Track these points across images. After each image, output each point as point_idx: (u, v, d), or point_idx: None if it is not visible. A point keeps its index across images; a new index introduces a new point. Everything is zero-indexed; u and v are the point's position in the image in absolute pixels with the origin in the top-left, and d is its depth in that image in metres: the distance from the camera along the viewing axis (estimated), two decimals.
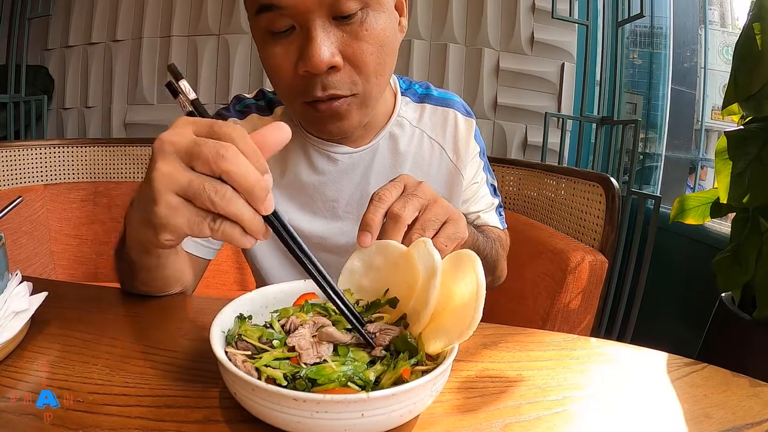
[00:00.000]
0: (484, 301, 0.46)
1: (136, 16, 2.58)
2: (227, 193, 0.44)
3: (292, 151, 0.91)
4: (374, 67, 0.74)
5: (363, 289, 0.59)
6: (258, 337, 0.49)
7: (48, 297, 0.64)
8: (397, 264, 0.57)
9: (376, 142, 0.92)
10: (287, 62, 0.72)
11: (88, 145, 1.99)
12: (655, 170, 2.50)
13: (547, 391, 0.54)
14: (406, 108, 0.95)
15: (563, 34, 2.35)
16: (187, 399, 0.50)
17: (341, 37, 0.70)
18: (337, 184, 0.92)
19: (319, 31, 0.68)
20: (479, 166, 1.01)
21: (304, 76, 0.71)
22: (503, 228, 1.04)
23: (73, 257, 1.95)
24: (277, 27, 0.70)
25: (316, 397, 0.38)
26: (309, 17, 0.67)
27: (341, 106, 0.74)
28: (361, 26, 0.70)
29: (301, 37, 0.70)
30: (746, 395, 0.56)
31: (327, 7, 0.67)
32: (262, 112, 0.94)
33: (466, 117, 0.98)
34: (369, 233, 0.58)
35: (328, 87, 0.71)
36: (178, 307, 0.75)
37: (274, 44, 0.72)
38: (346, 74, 0.72)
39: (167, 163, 0.45)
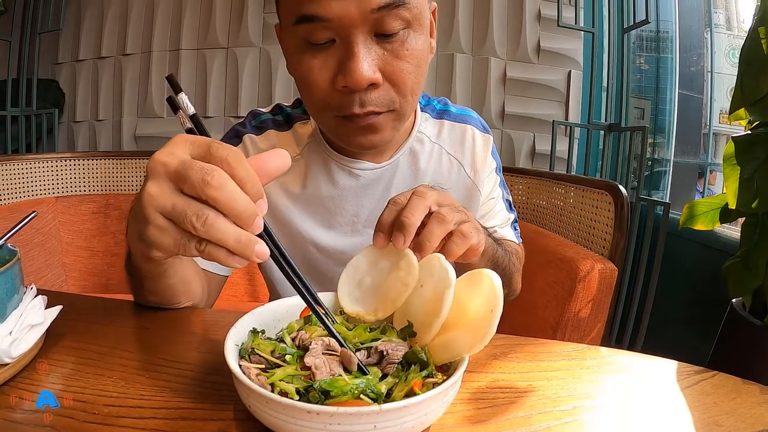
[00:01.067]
0: (502, 307, 0.47)
1: (145, 30, 2.61)
2: (208, 219, 0.44)
3: (313, 165, 0.91)
4: (411, 86, 0.74)
5: (362, 286, 0.60)
6: (270, 351, 0.50)
7: (62, 310, 0.65)
8: (398, 267, 0.58)
9: (397, 157, 0.92)
10: (324, 75, 0.71)
11: (99, 158, 2.01)
12: (664, 175, 2.49)
13: (558, 401, 0.55)
14: (426, 124, 0.96)
15: (569, 41, 2.35)
16: (202, 411, 0.50)
17: (382, 55, 0.70)
18: (358, 200, 0.92)
19: (362, 46, 0.67)
20: (495, 181, 1.01)
21: (341, 91, 0.71)
22: (518, 242, 1.04)
23: (85, 269, 1.97)
24: (317, 39, 0.69)
25: (330, 409, 0.39)
26: (352, 32, 0.67)
27: (377, 119, 0.74)
28: (402, 45, 0.70)
29: (341, 51, 0.69)
30: (756, 402, 0.56)
31: (371, 23, 0.67)
32: (280, 127, 0.93)
33: (483, 133, 0.99)
34: (383, 234, 0.59)
35: (367, 104, 0.71)
36: (191, 320, 0.76)
37: (311, 56, 0.71)
38: (384, 91, 0.72)
39: (156, 185, 0.45)
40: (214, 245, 0.45)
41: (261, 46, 2.47)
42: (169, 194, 0.45)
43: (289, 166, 0.50)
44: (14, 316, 0.59)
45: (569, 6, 2.29)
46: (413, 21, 0.70)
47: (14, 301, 0.60)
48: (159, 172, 0.45)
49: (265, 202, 0.47)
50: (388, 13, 0.67)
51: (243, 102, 2.50)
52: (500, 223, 1.02)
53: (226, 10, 2.50)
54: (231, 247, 0.45)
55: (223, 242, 0.45)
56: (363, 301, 0.59)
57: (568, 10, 2.27)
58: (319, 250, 0.93)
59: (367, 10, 0.65)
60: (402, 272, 0.57)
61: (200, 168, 0.44)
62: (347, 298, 0.59)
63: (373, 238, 0.59)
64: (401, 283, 0.57)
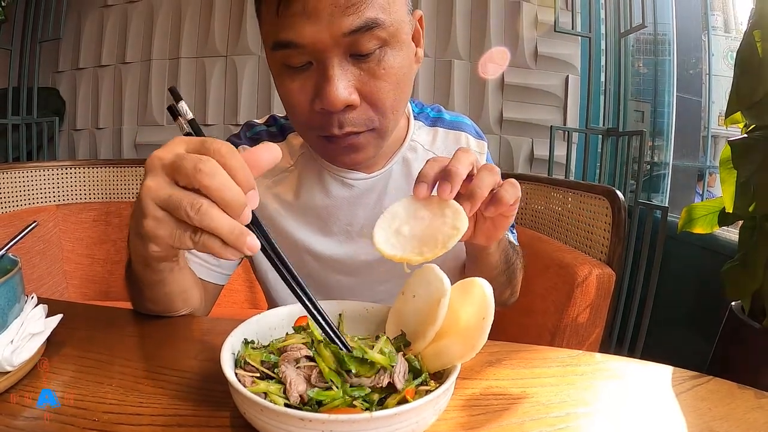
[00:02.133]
0: (493, 316, 0.47)
1: (144, 38, 2.63)
2: (202, 207, 0.46)
3: (306, 175, 0.92)
4: (391, 104, 0.74)
5: (401, 234, 0.57)
6: (261, 362, 0.50)
7: (63, 318, 0.66)
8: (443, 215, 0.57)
9: (390, 166, 0.92)
10: (303, 98, 0.72)
11: (100, 166, 2.02)
12: (663, 179, 2.49)
13: (551, 407, 0.55)
14: (419, 132, 0.96)
15: (566, 46, 2.36)
16: (198, 418, 0.51)
17: (358, 75, 0.70)
18: (352, 209, 0.92)
19: (336, 69, 0.68)
20: None
21: (320, 112, 0.71)
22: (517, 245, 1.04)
23: (86, 276, 1.97)
24: (294, 63, 0.70)
25: (322, 417, 0.39)
26: (326, 55, 0.68)
27: (357, 139, 0.75)
28: (379, 65, 0.70)
29: (317, 74, 0.70)
30: (751, 407, 0.57)
31: (345, 46, 0.67)
32: (274, 138, 0.94)
33: (477, 140, 0.99)
34: (425, 183, 0.58)
35: (345, 124, 0.72)
36: (189, 328, 0.77)
37: (290, 80, 0.72)
38: (362, 111, 0.72)
39: (153, 178, 0.48)
40: (209, 235, 0.47)
41: (260, 54, 2.48)
42: (166, 186, 0.48)
43: (279, 159, 0.52)
44: (15, 324, 0.60)
45: (566, 11, 2.30)
46: (389, 39, 0.70)
47: (15, 310, 0.61)
48: (156, 166, 0.48)
49: (257, 194, 0.49)
50: (362, 35, 0.67)
51: (242, 110, 2.51)
52: None
53: (225, 19, 2.52)
54: (224, 236, 0.47)
55: (216, 231, 0.46)
56: (404, 245, 0.56)
57: (565, 16, 2.28)
58: (315, 258, 0.94)
59: (339, 34, 0.66)
60: (449, 219, 0.56)
61: (193, 158, 0.46)
62: (385, 244, 0.56)
63: (414, 188, 0.58)
64: (450, 227, 0.55)
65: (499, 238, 0.69)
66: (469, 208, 0.57)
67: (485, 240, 0.68)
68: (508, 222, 0.66)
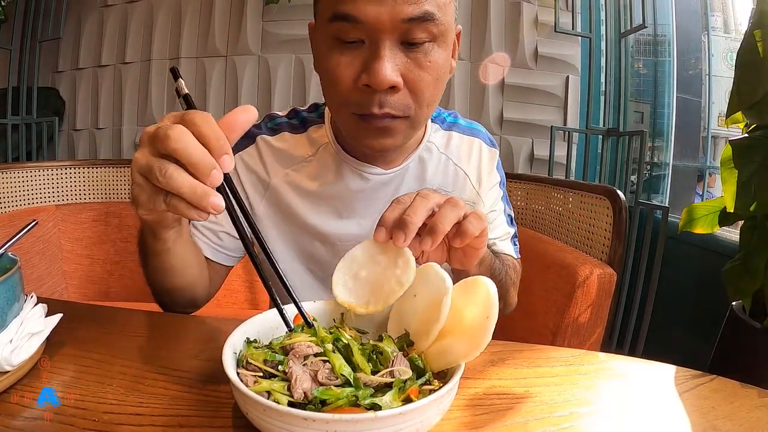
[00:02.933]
0: (497, 315, 0.47)
1: (144, 38, 2.63)
2: (168, 170, 0.49)
3: (324, 166, 0.93)
4: (428, 97, 0.76)
5: (358, 279, 0.60)
6: (264, 361, 0.50)
7: (62, 318, 0.65)
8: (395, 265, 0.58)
9: (406, 164, 0.94)
10: (350, 72, 0.74)
11: (99, 166, 2.01)
12: (663, 179, 2.49)
13: (555, 407, 0.55)
14: (435, 135, 0.98)
15: (567, 47, 2.36)
16: (200, 419, 0.50)
17: (405, 62, 0.73)
18: (367, 202, 0.94)
19: (388, 50, 0.71)
20: (498, 195, 1.03)
21: (362, 89, 0.73)
22: (517, 257, 1.06)
23: (85, 276, 1.97)
24: (348, 37, 0.72)
25: (326, 416, 0.39)
26: (381, 36, 0.70)
27: (392, 123, 0.76)
28: (426, 57, 0.73)
29: (368, 52, 0.72)
30: (754, 406, 0.57)
31: (400, 31, 0.70)
32: (295, 130, 0.96)
33: (490, 147, 1.02)
34: (384, 229, 0.59)
35: (385, 105, 0.74)
36: (190, 327, 0.77)
37: (339, 53, 0.74)
38: (402, 97, 0.74)
39: (140, 150, 0.52)
40: (176, 197, 0.51)
41: (260, 54, 2.48)
42: (146, 156, 0.51)
43: (255, 119, 0.55)
44: (15, 324, 0.60)
45: (566, 12, 2.30)
46: (438, 36, 0.73)
47: (15, 309, 0.61)
48: (143, 140, 0.53)
49: (231, 159, 0.52)
50: (417, 25, 0.70)
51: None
52: (500, 236, 1.03)
53: (225, 19, 2.51)
54: (187, 196, 0.50)
55: (179, 192, 0.50)
56: (356, 292, 0.59)
57: (565, 16, 2.28)
58: (326, 243, 0.95)
59: (398, 19, 0.69)
60: (398, 270, 0.58)
61: (165, 127, 0.50)
62: (341, 287, 0.60)
63: (374, 233, 0.60)
64: (396, 281, 0.57)
65: (475, 265, 0.70)
66: (430, 243, 0.59)
67: (460, 265, 0.69)
68: (478, 253, 0.67)
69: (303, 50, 2.41)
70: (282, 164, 0.94)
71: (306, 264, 0.97)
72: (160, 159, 0.50)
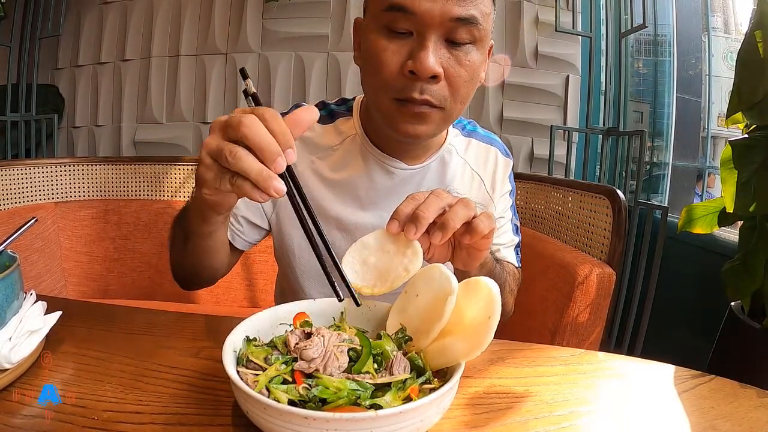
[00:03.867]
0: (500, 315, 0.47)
1: (144, 35, 2.62)
2: (239, 153, 0.54)
3: (350, 157, 0.97)
4: (463, 93, 0.83)
5: (366, 264, 0.63)
6: (264, 359, 0.50)
7: (62, 316, 0.65)
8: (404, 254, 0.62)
9: (429, 163, 0.98)
10: (396, 59, 0.79)
11: (99, 164, 2.01)
12: (662, 179, 2.49)
13: (554, 406, 0.55)
14: (456, 139, 1.03)
15: (567, 46, 2.36)
16: (200, 417, 0.50)
17: (447, 58, 0.79)
18: (388, 196, 0.97)
19: (433, 44, 0.77)
20: (507, 204, 1.07)
21: (406, 76, 0.78)
22: (518, 266, 1.09)
23: (84, 274, 1.96)
24: (398, 27, 0.78)
25: (326, 415, 0.39)
26: (429, 29, 0.76)
27: (429, 110, 0.81)
28: (466, 56, 0.80)
29: (415, 42, 0.78)
30: (753, 406, 0.57)
31: (446, 29, 0.77)
32: (323, 121, 1.01)
33: (505, 158, 1.07)
34: (398, 222, 0.63)
35: (425, 92, 0.79)
36: (190, 325, 0.76)
37: (388, 40, 0.79)
38: (441, 88, 0.80)
39: (211, 135, 0.57)
40: (242, 178, 0.55)
41: (260, 51, 2.48)
42: (217, 140, 0.56)
43: (317, 118, 0.60)
44: (14, 321, 0.60)
45: (567, 11, 2.30)
46: (478, 40, 0.80)
47: (14, 306, 0.61)
48: (214, 127, 0.58)
49: (294, 152, 0.56)
50: (462, 25, 0.77)
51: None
52: (505, 243, 1.07)
53: (225, 16, 2.51)
54: (253, 178, 0.54)
55: (247, 173, 0.54)
56: (363, 275, 0.62)
57: (565, 15, 2.28)
58: (345, 232, 0.98)
59: (447, 17, 0.75)
60: (406, 259, 0.61)
61: (240, 115, 0.55)
62: (350, 269, 0.62)
63: (387, 224, 0.64)
64: (403, 268, 0.60)
65: (477, 266, 0.73)
66: (440, 237, 0.62)
67: (463, 266, 0.72)
68: (481, 254, 0.70)
69: (303, 48, 2.41)
70: (308, 151, 0.99)
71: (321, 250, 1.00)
72: (230, 143, 0.55)
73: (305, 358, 0.49)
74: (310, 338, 0.51)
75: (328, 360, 0.49)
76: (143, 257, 1.96)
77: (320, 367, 0.48)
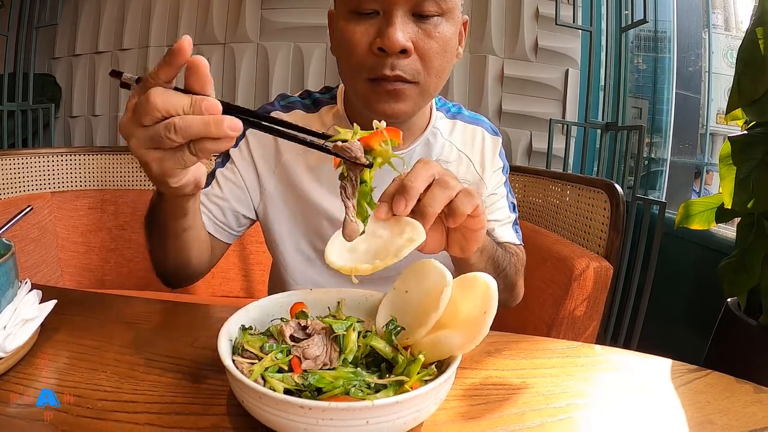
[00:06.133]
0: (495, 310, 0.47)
1: (142, 25, 2.60)
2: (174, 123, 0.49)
3: None
4: (436, 66, 0.82)
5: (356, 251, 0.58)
6: (260, 348, 0.50)
7: (57, 305, 0.65)
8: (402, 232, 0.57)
9: (414, 147, 0.97)
10: (365, 39, 0.80)
11: (96, 153, 2.00)
12: (660, 175, 2.49)
13: (551, 398, 0.55)
14: (440, 122, 1.02)
15: (567, 40, 2.35)
16: (195, 406, 0.50)
17: (416, 32, 0.79)
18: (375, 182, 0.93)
19: (400, 19, 0.77)
20: (500, 180, 1.05)
21: (376, 54, 0.79)
22: (519, 243, 1.06)
23: (81, 264, 1.96)
24: (363, 8, 0.79)
25: (322, 404, 0.39)
26: (394, 7, 0.77)
27: (402, 87, 0.81)
28: (435, 28, 0.80)
29: (382, 21, 0.79)
30: (750, 401, 0.57)
31: (412, 4, 0.78)
32: (308, 109, 1.01)
33: (492, 135, 1.06)
34: (386, 204, 0.59)
35: (396, 68, 0.79)
36: (186, 315, 0.76)
37: (356, 23, 0.80)
38: (412, 62, 0.80)
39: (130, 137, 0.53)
40: (198, 141, 0.51)
41: (258, 42, 2.46)
42: (141, 134, 0.52)
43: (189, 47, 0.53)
44: (9, 310, 0.59)
45: (567, 5, 2.29)
46: (446, 12, 0.81)
47: (9, 295, 0.60)
48: (126, 127, 0.53)
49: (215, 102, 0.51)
50: None
51: (240, 98, 2.49)
52: (501, 219, 1.04)
53: (224, 6, 2.49)
54: (206, 132, 0.50)
55: (196, 132, 0.50)
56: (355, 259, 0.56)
57: (566, 9, 2.27)
58: (332, 223, 0.97)
59: None
60: (406, 235, 0.56)
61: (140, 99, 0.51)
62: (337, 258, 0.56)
63: (375, 210, 0.59)
64: (407, 239, 0.55)
65: (475, 250, 0.68)
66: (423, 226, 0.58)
67: (460, 252, 0.68)
68: (477, 235, 0.66)
69: (302, 38, 2.40)
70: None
71: (311, 243, 1.00)
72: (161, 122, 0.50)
73: (309, 357, 0.48)
74: (311, 337, 0.51)
75: (332, 353, 0.49)
76: (140, 247, 1.95)
77: (327, 361, 0.48)
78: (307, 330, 0.52)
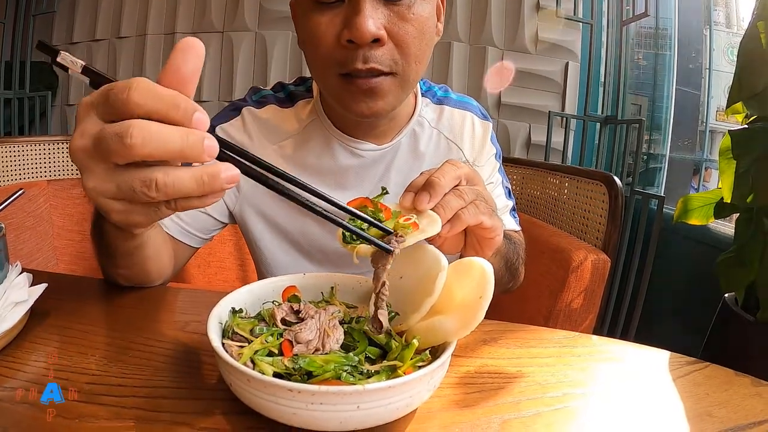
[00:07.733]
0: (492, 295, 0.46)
1: (140, 13, 2.59)
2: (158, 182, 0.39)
3: (314, 142, 0.91)
4: (415, 51, 0.74)
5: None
6: (250, 330, 0.49)
7: (47, 288, 0.64)
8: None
9: (399, 140, 0.92)
10: (331, 31, 0.72)
11: None
12: (659, 171, 2.49)
13: (547, 387, 0.54)
14: (426, 109, 0.97)
15: (567, 33, 2.34)
16: (183, 390, 0.49)
17: (388, 16, 0.71)
18: (359, 179, 0.92)
19: (368, 4, 0.69)
20: (494, 167, 1.01)
21: (345, 46, 0.71)
22: (518, 230, 1.04)
23: (76, 252, 1.95)
24: None
25: (312, 388, 0.38)
26: None
27: (379, 83, 0.74)
28: (409, 10, 0.72)
29: (348, 9, 0.70)
30: (748, 394, 0.56)
31: None
32: (282, 103, 0.94)
33: (482, 120, 1.00)
34: (412, 192, 0.57)
35: (370, 60, 0.71)
36: (176, 299, 0.75)
37: (319, 14, 0.72)
38: (388, 51, 0.72)
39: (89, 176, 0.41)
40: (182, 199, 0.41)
41: (257, 30, 2.45)
42: (105, 178, 0.40)
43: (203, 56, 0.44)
44: None
45: None
46: None
47: None
48: (81, 159, 0.41)
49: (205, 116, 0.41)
50: None
51: (238, 86, 2.48)
52: (499, 207, 1.00)
53: None
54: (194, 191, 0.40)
55: (186, 193, 0.40)
56: None
57: (567, 1, 2.27)
58: (317, 221, 0.92)
59: None
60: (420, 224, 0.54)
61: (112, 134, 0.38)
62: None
63: (401, 197, 0.58)
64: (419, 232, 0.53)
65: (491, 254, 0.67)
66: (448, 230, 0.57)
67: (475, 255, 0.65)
68: (492, 243, 0.65)
69: None
70: (270, 139, 0.91)
71: (293, 241, 0.95)
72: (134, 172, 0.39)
73: (301, 341, 0.47)
74: (304, 321, 0.50)
75: (324, 338, 0.48)
76: None
77: (319, 346, 0.47)
78: (300, 314, 0.51)
